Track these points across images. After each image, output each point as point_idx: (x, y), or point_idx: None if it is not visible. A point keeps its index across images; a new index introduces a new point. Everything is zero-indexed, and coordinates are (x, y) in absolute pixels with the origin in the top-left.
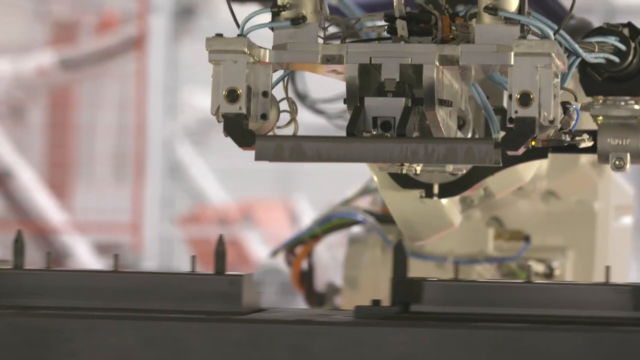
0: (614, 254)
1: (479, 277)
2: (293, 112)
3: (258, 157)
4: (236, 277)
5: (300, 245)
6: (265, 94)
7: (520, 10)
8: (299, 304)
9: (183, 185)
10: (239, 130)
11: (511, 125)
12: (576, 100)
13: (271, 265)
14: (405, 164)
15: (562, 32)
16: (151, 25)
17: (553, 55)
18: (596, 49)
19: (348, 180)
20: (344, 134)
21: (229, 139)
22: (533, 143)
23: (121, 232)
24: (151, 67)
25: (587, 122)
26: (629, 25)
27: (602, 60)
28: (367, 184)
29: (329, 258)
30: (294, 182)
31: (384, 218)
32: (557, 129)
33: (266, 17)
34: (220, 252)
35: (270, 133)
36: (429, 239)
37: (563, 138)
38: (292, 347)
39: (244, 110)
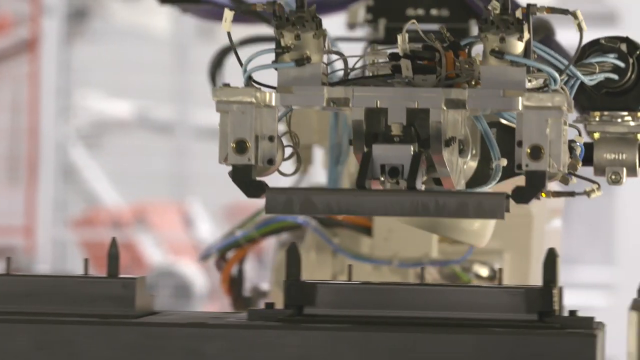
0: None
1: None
2: (296, 145)
3: (268, 210)
4: (129, 280)
5: (233, 249)
6: (271, 138)
7: (527, 51)
8: (193, 306)
9: (76, 188)
10: (247, 181)
11: (520, 171)
12: (580, 135)
13: (165, 268)
14: None
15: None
16: (44, 28)
17: (563, 107)
18: (597, 70)
19: None
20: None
21: (122, 141)
22: (543, 195)
23: (14, 235)
24: (44, 70)
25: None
26: (627, 40)
27: (602, 79)
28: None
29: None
30: (188, 185)
31: (327, 221)
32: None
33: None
34: (113, 254)
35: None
36: (490, 234)
37: (569, 178)
38: (185, 349)
39: (252, 162)
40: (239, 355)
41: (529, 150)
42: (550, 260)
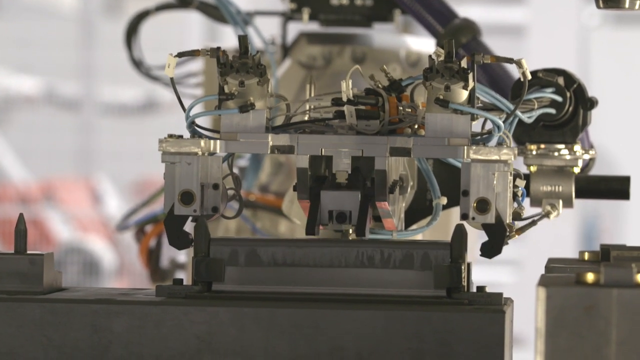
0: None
1: None
2: (237, 187)
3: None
4: (37, 257)
5: (151, 224)
6: (216, 186)
7: (471, 99)
8: (102, 283)
9: None
10: (178, 231)
11: (465, 221)
12: (521, 177)
13: (73, 245)
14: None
15: (511, 107)
16: None
17: (510, 161)
18: (535, 106)
19: (149, 160)
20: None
21: (29, 118)
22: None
23: None
24: None
25: None
26: (564, 73)
27: (540, 114)
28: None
29: (132, 238)
30: (95, 161)
31: (248, 203)
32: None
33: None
34: (20, 231)
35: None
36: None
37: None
38: (92, 326)
39: (198, 212)
40: (145, 331)
41: (475, 204)
42: (458, 236)
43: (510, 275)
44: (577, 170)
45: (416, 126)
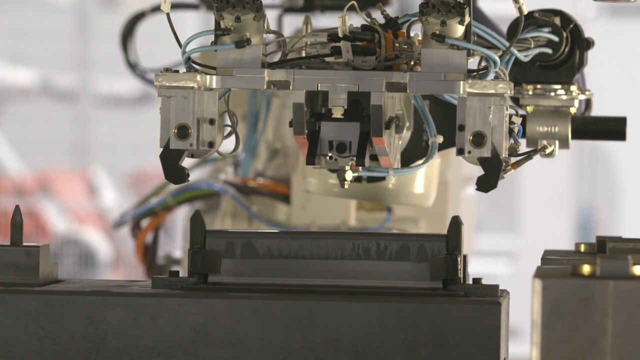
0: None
1: None
2: (234, 124)
3: (209, 252)
4: (33, 248)
5: (148, 217)
6: (212, 121)
7: (467, 34)
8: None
9: None
10: (174, 166)
11: (461, 155)
12: (518, 115)
13: (69, 237)
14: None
15: (507, 46)
16: None
17: (506, 95)
18: (532, 45)
19: (144, 152)
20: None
21: (25, 109)
22: (511, 170)
23: None
24: None
25: None
26: (561, 13)
27: (536, 53)
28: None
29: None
30: (92, 153)
31: (245, 189)
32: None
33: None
34: (16, 223)
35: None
36: (435, 193)
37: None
38: (88, 317)
39: (195, 147)
40: (141, 323)
41: (471, 138)
42: (455, 228)
43: (506, 267)
44: (573, 110)
45: (412, 62)
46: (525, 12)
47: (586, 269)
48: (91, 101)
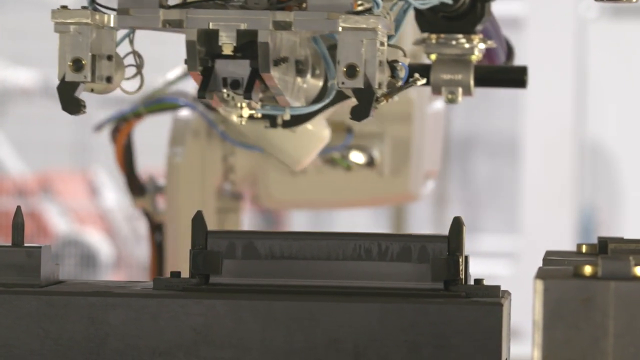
0: (430, 140)
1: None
2: (139, 65)
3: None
4: (34, 249)
5: (123, 122)
6: (109, 57)
7: None
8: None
9: None
10: (69, 96)
11: (340, 88)
12: (405, 55)
13: (70, 237)
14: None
15: None
16: None
17: (378, 29)
18: None
19: (146, 153)
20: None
21: (26, 110)
22: (385, 101)
23: None
24: None
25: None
26: None
27: (436, 3)
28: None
29: (129, 230)
30: (93, 154)
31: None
32: (384, 90)
33: None
34: (17, 223)
35: (117, 89)
36: (309, 159)
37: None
38: (89, 318)
39: (89, 79)
40: (142, 323)
41: (344, 69)
42: (456, 229)
43: (508, 268)
44: (474, 58)
45: (304, 5)
46: None
47: (588, 269)
48: (92, 101)
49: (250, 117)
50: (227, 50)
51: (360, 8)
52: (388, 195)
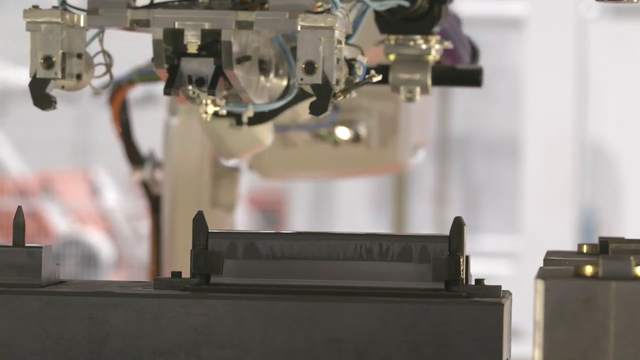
0: (417, 110)
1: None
2: (109, 64)
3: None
4: (35, 249)
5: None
6: (79, 55)
7: None
8: (100, 275)
9: None
10: (41, 93)
11: (300, 84)
12: (363, 54)
13: (71, 237)
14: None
15: None
16: None
17: (335, 27)
18: None
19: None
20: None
21: (27, 110)
22: (341, 98)
23: None
24: None
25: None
26: None
27: (394, 5)
28: None
29: (130, 230)
30: (94, 154)
31: None
32: (342, 86)
33: None
34: (18, 223)
35: (87, 86)
36: (242, 157)
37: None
38: (90, 318)
39: (59, 76)
40: (143, 324)
41: (303, 66)
42: (457, 229)
43: (509, 268)
44: (431, 59)
45: (266, 5)
46: None
47: (588, 269)
48: (94, 102)
49: (215, 114)
50: (192, 48)
51: (320, 9)
52: (377, 166)
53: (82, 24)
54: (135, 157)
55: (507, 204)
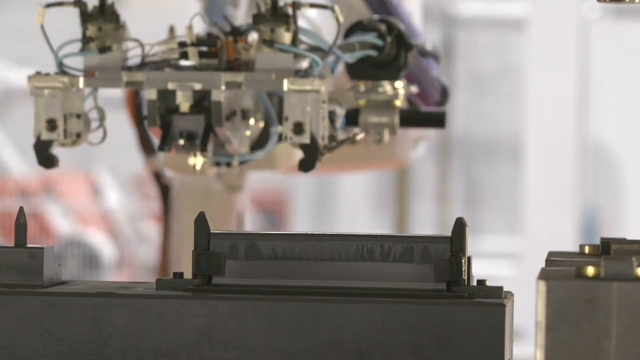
0: None
1: None
2: (102, 119)
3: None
4: (37, 250)
5: None
6: (78, 116)
7: (294, 40)
8: (102, 276)
9: None
10: (45, 153)
11: (287, 142)
12: (341, 106)
13: (73, 238)
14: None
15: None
16: None
17: (322, 90)
18: (357, 48)
19: None
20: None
21: (29, 111)
22: (326, 153)
23: None
24: None
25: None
26: (386, 21)
27: (363, 55)
28: None
29: (132, 231)
30: (96, 155)
31: None
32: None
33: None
34: (20, 224)
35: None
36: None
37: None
38: (92, 319)
39: (62, 137)
40: (145, 324)
41: (292, 127)
42: (459, 229)
43: (511, 269)
44: (398, 103)
45: (250, 65)
46: (342, 21)
47: (590, 270)
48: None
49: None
50: (184, 108)
51: (305, 62)
52: (378, 161)
53: (80, 86)
54: (148, 145)
55: (508, 204)
